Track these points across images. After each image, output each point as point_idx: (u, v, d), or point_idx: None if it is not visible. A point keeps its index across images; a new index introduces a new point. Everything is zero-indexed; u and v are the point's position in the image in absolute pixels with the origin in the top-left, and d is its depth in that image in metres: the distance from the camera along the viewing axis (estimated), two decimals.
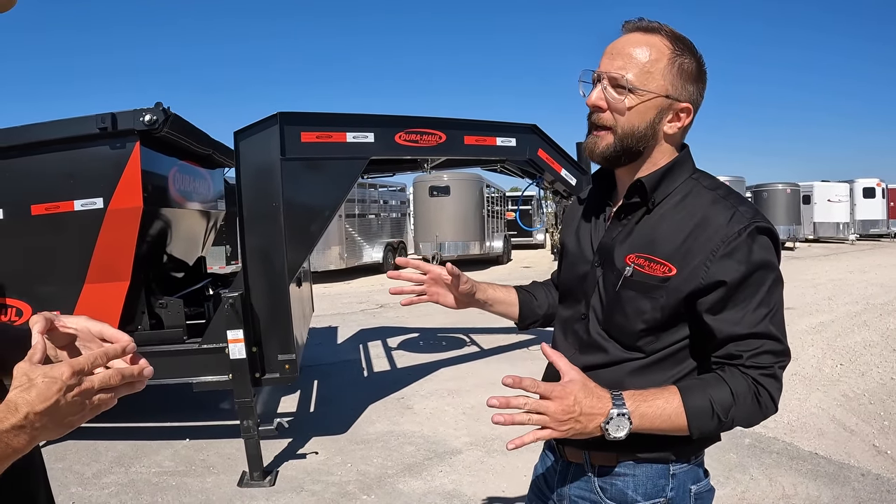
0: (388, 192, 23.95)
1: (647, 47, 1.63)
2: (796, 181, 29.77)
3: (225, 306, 5.00)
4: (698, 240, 1.60)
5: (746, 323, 1.56)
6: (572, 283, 1.92)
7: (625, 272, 1.69)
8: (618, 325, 1.73)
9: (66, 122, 5.11)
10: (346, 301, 15.64)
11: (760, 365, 1.56)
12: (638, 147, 1.69)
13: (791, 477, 4.92)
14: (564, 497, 1.89)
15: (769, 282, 1.59)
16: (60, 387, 1.03)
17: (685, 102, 1.67)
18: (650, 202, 1.71)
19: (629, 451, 1.71)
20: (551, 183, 7.11)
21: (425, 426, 6.34)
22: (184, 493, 5.05)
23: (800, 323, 10.72)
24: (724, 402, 1.54)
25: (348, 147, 5.41)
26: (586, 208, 1.96)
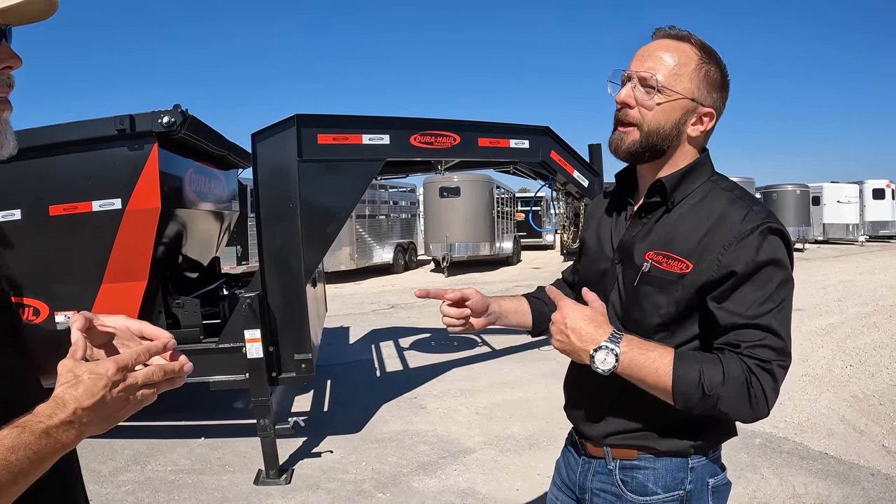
0: (399, 193, 24.00)
1: (676, 52, 1.71)
2: (806, 182, 29.65)
3: (243, 306, 5.06)
4: (714, 237, 1.65)
5: (750, 314, 1.60)
6: (592, 279, 1.97)
7: (643, 268, 1.75)
8: (635, 320, 1.78)
9: (85, 123, 5.17)
10: (358, 301, 15.70)
11: (759, 357, 1.58)
12: (662, 145, 1.75)
13: (802, 476, 4.94)
14: (587, 490, 1.95)
15: (778, 279, 1.62)
16: (106, 383, 1.08)
17: (709, 107, 1.73)
18: (669, 202, 1.77)
19: (649, 445, 1.79)
20: (564, 184, 7.13)
21: (439, 425, 6.39)
22: (200, 490, 5.10)
23: (810, 324, 10.73)
24: (712, 379, 1.55)
25: (364, 149, 5.47)
26: (608, 207, 2.02)
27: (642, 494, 1.81)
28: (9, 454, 0.97)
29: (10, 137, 1.25)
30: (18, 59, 1.22)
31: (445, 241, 21.23)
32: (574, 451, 2.06)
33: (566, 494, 2.08)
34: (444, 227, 21.33)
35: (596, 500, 1.92)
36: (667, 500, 1.79)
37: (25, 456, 0.99)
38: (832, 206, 30.80)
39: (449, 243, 21.19)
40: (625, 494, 1.84)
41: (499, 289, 17.48)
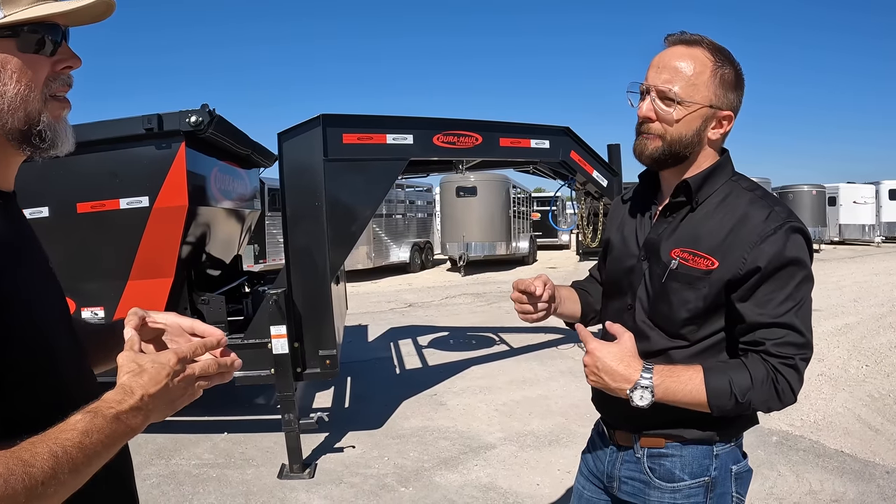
0: (415, 193, 24.06)
1: (690, 60, 1.77)
2: (822, 183, 29.35)
3: (269, 303, 5.13)
4: (739, 235, 1.73)
5: (773, 312, 1.69)
6: (618, 276, 2.06)
7: (671, 265, 1.83)
8: (663, 315, 1.87)
9: (113, 122, 5.24)
10: (375, 300, 15.77)
11: (782, 354, 1.68)
12: (684, 152, 1.83)
13: (818, 473, 4.98)
14: (615, 479, 2.04)
15: (799, 278, 1.70)
16: (168, 371, 1.18)
17: (727, 110, 1.80)
18: (694, 201, 1.84)
19: (677, 434, 1.87)
20: (583, 184, 7.18)
21: (459, 422, 6.45)
22: (224, 484, 5.18)
23: (825, 324, 10.71)
24: (742, 386, 1.66)
25: (388, 148, 5.54)
26: (631, 207, 2.10)
27: (669, 481, 1.89)
28: (83, 437, 1.04)
29: (70, 134, 1.29)
30: (78, 59, 1.27)
31: (462, 241, 21.24)
32: (602, 441, 2.14)
33: (593, 483, 2.16)
34: (461, 227, 21.35)
35: (624, 488, 2.01)
36: (693, 486, 1.87)
37: (98, 440, 1.06)
38: (848, 207, 30.47)
39: (465, 243, 21.21)
40: (653, 481, 1.92)
41: None
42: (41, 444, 1.00)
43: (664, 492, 1.90)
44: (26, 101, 1.18)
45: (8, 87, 1.15)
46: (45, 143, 1.22)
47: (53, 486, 0.99)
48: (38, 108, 1.20)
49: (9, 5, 1.13)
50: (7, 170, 1.28)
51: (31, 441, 1.00)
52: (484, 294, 16.54)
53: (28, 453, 0.97)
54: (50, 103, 1.23)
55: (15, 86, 1.16)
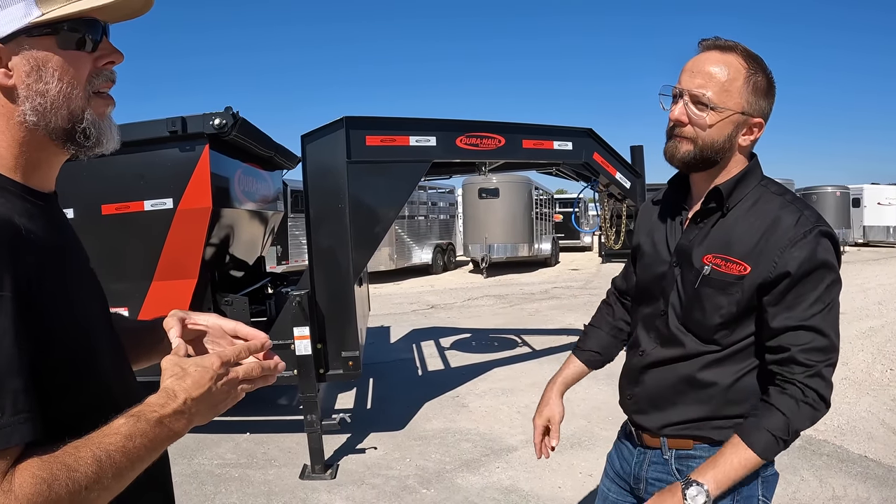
0: (437, 194, 24.06)
1: (724, 66, 1.77)
2: (846, 184, 29.06)
3: (292, 304, 5.16)
4: (770, 240, 1.74)
5: (800, 316, 1.71)
6: (650, 283, 2.07)
7: (703, 271, 1.84)
8: (696, 320, 1.87)
9: (138, 125, 5.27)
10: (398, 301, 15.81)
11: (808, 362, 1.69)
12: (715, 157, 1.83)
13: (841, 478, 4.94)
14: (641, 480, 2.04)
15: (828, 281, 1.72)
16: (212, 375, 1.17)
17: (758, 117, 1.80)
18: (725, 207, 1.85)
19: (705, 435, 1.88)
20: (606, 186, 7.15)
21: (481, 424, 6.45)
22: (246, 484, 5.21)
23: (850, 328, 10.61)
24: (780, 426, 1.69)
25: (411, 150, 5.55)
26: (660, 213, 2.09)
27: None
28: (127, 441, 1.05)
29: (115, 132, 1.29)
30: (120, 54, 1.26)
31: (484, 242, 21.25)
32: (629, 443, 2.15)
33: (619, 485, 2.17)
34: (483, 228, 21.35)
35: (651, 490, 2.00)
36: None
37: (142, 444, 1.07)
38: (872, 208, 30.13)
39: (488, 244, 21.21)
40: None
41: (537, 290, 17.50)
42: (85, 449, 1.01)
43: None
44: (69, 99, 1.18)
45: (50, 86, 1.15)
46: (90, 140, 1.23)
47: (97, 491, 1.00)
48: (81, 106, 1.20)
49: (45, 3, 1.12)
50: (50, 170, 1.27)
51: (75, 445, 1.01)
52: (506, 296, 16.53)
53: (72, 458, 0.99)
54: (93, 100, 1.23)
55: (57, 84, 1.16)
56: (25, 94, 1.14)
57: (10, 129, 1.16)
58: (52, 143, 1.21)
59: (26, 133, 1.17)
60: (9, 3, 1.10)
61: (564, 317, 12.85)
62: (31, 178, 1.22)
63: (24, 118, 1.15)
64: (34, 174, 1.22)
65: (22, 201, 1.16)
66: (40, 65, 1.14)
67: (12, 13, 1.10)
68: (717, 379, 1.84)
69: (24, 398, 0.98)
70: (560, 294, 16.57)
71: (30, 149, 1.19)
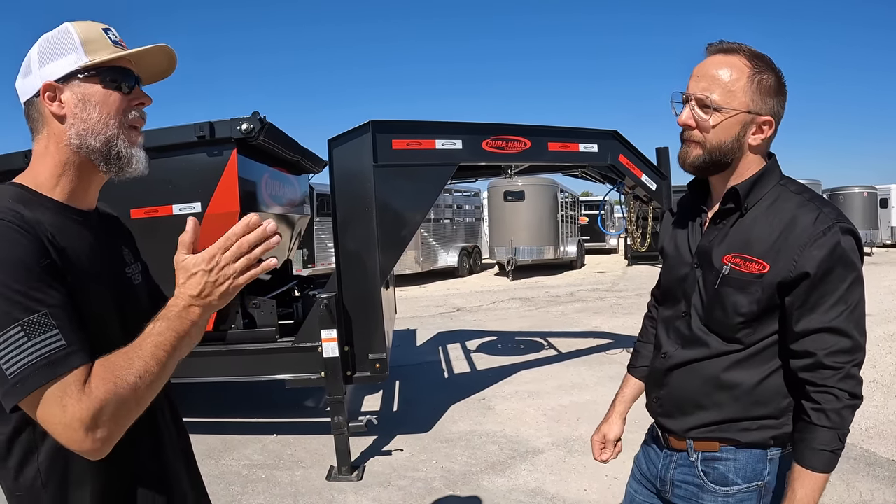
0: (463, 197, 24.09)
1: (728, 68, 1.80)
2: (873, 184, 28.59)
3: (320, 307, 5.20)
4: (788, 239, 1.74)
5: (823, 318, 1.72)
6: (673, 285, 2.09)
7: (723, 271, 1.85)
8: (718, 320, 1.88)
9: (166, 130, 5.35)
10: (423, 304, 15.86)
11: (835, 365, 1.71)
12: (725, 159, 1.86)
13: (868, 483, 4.89)
14: (668, 482, 2.06)
15: (849, 280, 1.72)
16: (202, 275, 1.44)
17: (766, 116, 1.81)
18: (743, 207, 1.86)
19: (731, 437, 1.90)
20: (632, 188, 7.14)
21: (507, 426, 6.46)
22: (273, 485, 5.26)
23: (877, 330, 10.50)
24: (831, 440, 1.71)
25: (437, 154, 5.58)
26: (683, 215, 2.12)
27: (723, 485, 1.91)
28: (158, 337, 1.40)
29: (144, 159, 1.64)
30: (149, 98, 1.65)
31: (510, 245, 21.25)
32: (656, 445, 2.17)
33: (646, 487, 2.20)
34: (509, 231, 21.34)
35: (677, 492, 2.03)
36: (746, 491, 1.89)
37: (170, 335, 1.40)
38: None
39: (513, 247, 21.22)
40: (706, 485, 1.94)
41: (563, 293, 17.48)
42: (131, 353, 1.37)
43: (717, 496, 1.92)
44: (106, 126, 1.55)
45: (92, 115, 1.53)
46: (122, 161, 1.58)
47: (147, 379, 1.35)
48: (115, 133, 1.56)
49: (92, 53, 1.53)
50: (89, 190, 1.64)
51: (125, 352, 1.37)
52: (532, 298, 16.53)
53: (123, 360, 1.35)
54: (126, 131, 1.59)
55: (98, 114, 1.53)
56: (72, 121, 1.52)
57: (58, 152, 1.54)
58: (90, 164, 1.57)
59: (70, 154, 1.54)
60: (66, 53, 1.52)
61: (590, 319, 12.84)
62: (72, 198, 1.58)
63: (70, 141, 1.53)
64: (75, 194, 1.58)
65: (53, 215, 1.49)
66: (86, 99, 1.53)
67: (68, 60, 1.52)
68: (743, 379, 1.85)
69: (81, 334, 1.35)
70: (586, 297, 16.55)
71: (72, 169, 1.56)
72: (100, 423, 1.28)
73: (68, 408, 1.26)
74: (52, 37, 1.54)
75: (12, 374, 1.25)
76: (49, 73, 1.51)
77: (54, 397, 1.26)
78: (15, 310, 1.27)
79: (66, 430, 1.27)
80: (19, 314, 1.27)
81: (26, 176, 1.56)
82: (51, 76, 1.51)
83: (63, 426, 1.27)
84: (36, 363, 1.26)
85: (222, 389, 7.88)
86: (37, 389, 1.26)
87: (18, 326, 1.26)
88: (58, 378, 1.27)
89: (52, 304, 1.32)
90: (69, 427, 1.26)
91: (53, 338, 1.29)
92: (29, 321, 1.27)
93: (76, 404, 1.26)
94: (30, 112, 1.56)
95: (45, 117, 1.54)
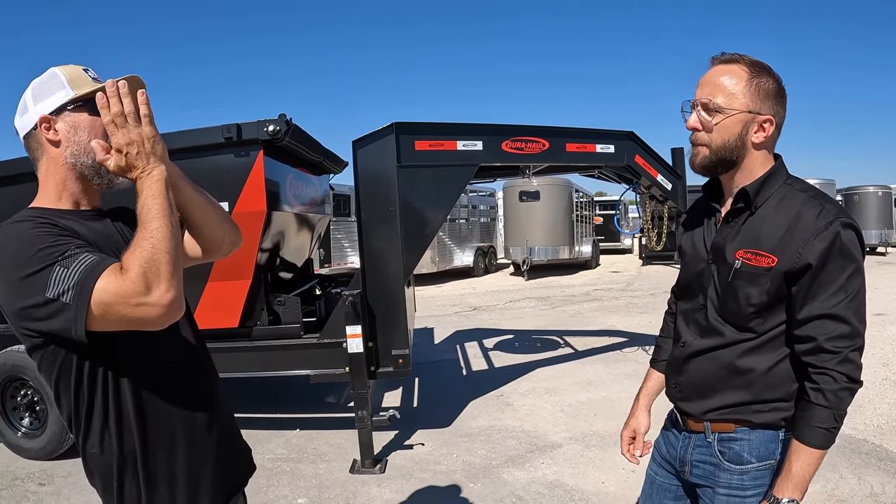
0: (478, 198, 24.14)
1: (728, 74, 1.97)
2: (888, 183, 28.30)
3: (345, 304, 5.35)
4: (794, 233, 1.89)
5: (823, 305, 1.86)
6: (690, 280, 2.24)
7: (735, 265, 2.00)
8: (731, 311, 2.03)
9: (194, 132, 5.49)
10: (440, 304, 15.98)
11: (835, 349, 1.85)
12: (731, 157, 2.01)
13: (880, 477, 4.98)
14: (687, 463, 2.21)
15: (849, 270, 1.86)
16: (133, 153, 1.70)
17: (766, 115, 1.96)
18: (753, 206, 2.01)
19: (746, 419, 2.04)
20: (647, 188, 7.22)
21: (525, 422, 6.58)
22: (297, 477, 5.39)
23: (891, 329, 10.56)
24: (827, 418, 1.86)
25: (459, 155, 5.70)
26: (698, 215, 2.27)
27: (738, 463, 2.05)
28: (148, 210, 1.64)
29: None
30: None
31: (525, 245, 21.34)
32: (675, 429, 2.31)
33: (665, 469, 2.35)
34: (524, 231, 21.43)
35: (696, 471, 2.17)
36: (760, 469, 2.03)
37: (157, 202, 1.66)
38: None
39: (528, 247, 21.31)
40: (722, 464, 2.08)
41: (578, 292, 17.56)
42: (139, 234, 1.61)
43: (733, 473, 2.06)
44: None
45: (82, 138, 1.78)
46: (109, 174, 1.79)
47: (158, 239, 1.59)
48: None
49: (77, 88, 1.79)
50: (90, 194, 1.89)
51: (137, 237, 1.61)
52: (548, 298, 16.63)
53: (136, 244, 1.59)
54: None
55: (87, 137, 1.78)
56: (66, 144, 1.78)
57: (57, 171, 1.81)
58: (84, 178, 1.83)
59: (68, 171, 1.81)
60: (55, 91, 1.78)
61: (606, 318, 12.93)
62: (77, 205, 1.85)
63: (66, 160, 1.79)
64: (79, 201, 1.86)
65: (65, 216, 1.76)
66: (76, 125, 1.79)
67: (58, 96, 1.78)
68: (756, 365, 1.99)
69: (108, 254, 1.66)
70: (601, 296, 16.64)
71: (72, 182, 1.83)
72: (150, 282, 1.54)
73: (121, 288, 1.52)
74: (42, 80, 1.81)
75: (70, 296, 1.52)
76: (43, 108, 1.78)
77: (106, 293, 1.52)
78: (51, 258, 1.55)
79: (129, 306, 1.53)
80: (55, 258, 1.55)
81: (37, 201, 1.83)
82: (45, 110, 1.77)
83: (124, 303, 1.53)
84: (79, 279, 1.53)
85: (246, 385, 8.03)
86: (91, 297, 1.52)
87: (58, 265, 1.54)
88: (101, 278, 1.53)
89: (78, 244, 1.62)
90: (128, 299, 1.53)
91: (85, 258, 1.57)
92: (64, 258, 1.55)
93: (121, 283, 1.52)
94: (29, 144, 1.83)
95: (44, 145, 1.80)
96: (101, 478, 1.81)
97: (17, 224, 1.65)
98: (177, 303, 1.59)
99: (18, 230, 1.62)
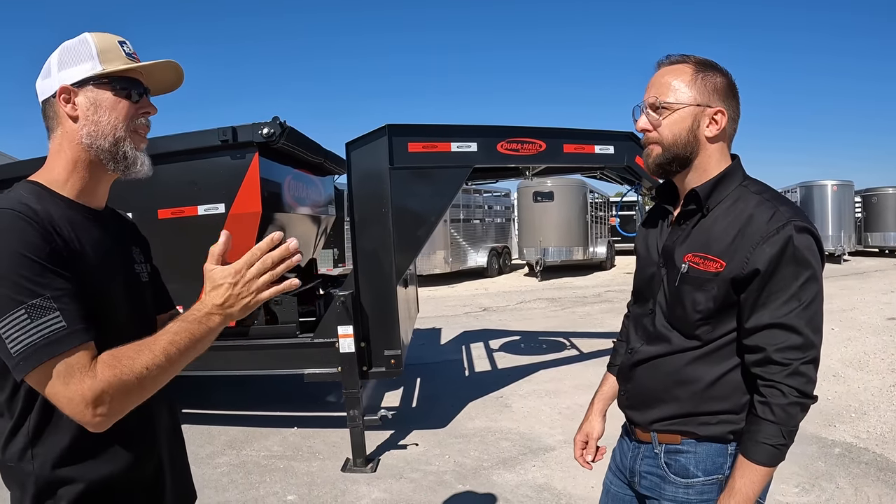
0: (493, 198, 24.15)
1: (672, 74, 1.95)
2: None
3: (336, 304, 5.39)
4: (745, 237, 1.82)
5: (773, 314, 1.78)
6: (642, 284, 2.20)
7: (682, 269, 1.94)
8: (678, 317, 1.97)
9: (190, 134, 5.59)
10: (451, 304, 16.00)
11: (784, 361, 1.77)
12: (684, 153, 1.96)
13: (878, 488, 4.84)
14: (636, 473, 2.15)
15: (803, 278, 1.77)
16: (228, 286, 1.57)
17: (717, 107, 1.92)
18: (704, 208, 1.95)
19: (691, 431, 1.98)
20: (649, 189, 7.20)
21: (522, 424, 6.58)
22: (290, 475, 5.45)
23: None
24: (774, 434, 1.78)
25: (453, 156, 5.71)
26: (653, 218, 2.22)
27: (684, 477, 1.98)
28: (174, 336, 1.52)
29: (147, 162, 1.79)
30: (155, 108, 1.81)
31: (539, 246, 21.31)
32: (627, 438, 2.27)
33: (619, 478, 2.29)
34: (538, 232, 21.42)
35: (643, 482, 2.12)
36: (706, 483, 1.96)
37: (186, 336, 1.53)
38: None
39: (543, 248, 21.28)
40: (668, 476, 2.02)
41: (590, 293, 17.52)
42: (143, 345, 1.49)
43: (678, 487, 1.99)
44: (115, 129, 1.69)
45: (102, 118, 1.68)
46: (128, 161, 1.72)
47: (154, 371, 1.48)
48: (122, 136, 1.71)
49: (106, 63, 1.67)
50: (98, 189, 1.77)
51: (138, 343, 1.50)
52: (559, 299, 16.60)
53: (134, 352, 1.47)
54: (132, 135, 1.74)
55: (107, 118, 1.68)
56: (84, 122, 1.67)
57: (71, 149, 1.68)
58: (99, 163, 1.71)
59: (82, 152, 1.69)
60: (83, 61, 1.67)
61: (615, 320, 12.81)
62: (82, 195, 1.72)
63: (81, 140, 1.67)
64: (84, 192, 1.72)
65: (64, 210, 1.63)
66: (97, 104, 1.68)
67: (84, 67, 1.67)
68: (701, 375, 1.92)
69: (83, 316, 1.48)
70: (613, 298, 16.56)
71: (83, 167, 1.70)
72: (102, 402, 1.40)
73: (71, 385, 1.40)
74: (72, 45, 1.69)
75: (16, 352, 1.39)
76: (66, 77, 1.67)
77: (58, 374, 1.40)
78: (21, 294, 1.40)
79: (69, 404, 1.41)
80: (24, 298, 1.40)
81: (41, 173, 1.71)
82: (67, 80, 1.66)
83: (67, 400, 1.41)
84: (37, 343, 1.39)
85: (247, 382, 8.12)
86: (39, 366, 1.39)
87: (23, 309, 1.40)
88: (58, 356, 1.40)
89: (56, 287, 1.45)
90: (72, 401, 1.40)
91: (54, 320, 1.42)
92: (32, 304, 1.40)
93: (79, 383, 1.40)
94: (46, 111, 1.71)
95: (60, 117, 1.69)
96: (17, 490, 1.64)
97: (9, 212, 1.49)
98: (107, 426, 1.47)
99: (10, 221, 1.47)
